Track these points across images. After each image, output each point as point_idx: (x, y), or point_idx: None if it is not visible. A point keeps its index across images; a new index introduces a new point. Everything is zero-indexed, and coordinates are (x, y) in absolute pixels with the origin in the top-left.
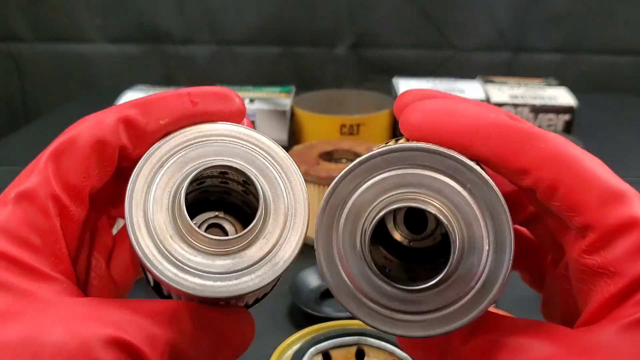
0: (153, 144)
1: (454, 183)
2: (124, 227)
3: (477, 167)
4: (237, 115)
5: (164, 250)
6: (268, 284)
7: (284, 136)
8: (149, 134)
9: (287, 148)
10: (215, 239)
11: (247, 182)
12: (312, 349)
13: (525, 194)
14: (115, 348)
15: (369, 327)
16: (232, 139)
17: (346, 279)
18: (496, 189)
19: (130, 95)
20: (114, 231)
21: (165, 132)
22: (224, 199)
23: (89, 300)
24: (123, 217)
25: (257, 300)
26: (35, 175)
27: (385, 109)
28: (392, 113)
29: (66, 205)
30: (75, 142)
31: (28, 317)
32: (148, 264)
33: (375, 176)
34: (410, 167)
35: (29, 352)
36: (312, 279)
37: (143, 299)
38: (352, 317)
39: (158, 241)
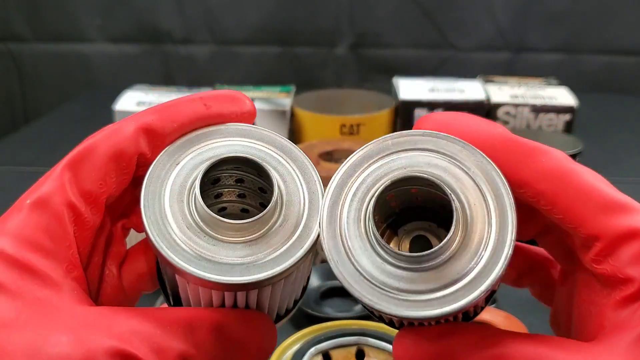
0: None
1: (459, 165)
2: (141, 241)
3: (480, 152)
4: (248, 117)
5: (179, 242)
6: (284, 271)
7: (284, 136)
8: (166, 139)
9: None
10: (231, 223)
11: (261, 176)
12: (312, 349)
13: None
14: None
15: (368, 310)
16: (244, 139)
17: (349, 255)
18: (499, 171)
19: (130, 95)
20: (127, 242)
21: (180, 135)
22: (240, 210)
23: (99, 309)
24: (136, 227)
25: (287, 311)
26: (51, 181)
27: (385, 108)
28: (392, 113)
29: (81, 212)
30: (94, 150)
31: (34, 325)
32: (165, 255)
33: (384, 157)
34: (418, 150)
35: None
36: (312, 279)
37: (158, 307)
38: (354, 301)
39: (174, 234)
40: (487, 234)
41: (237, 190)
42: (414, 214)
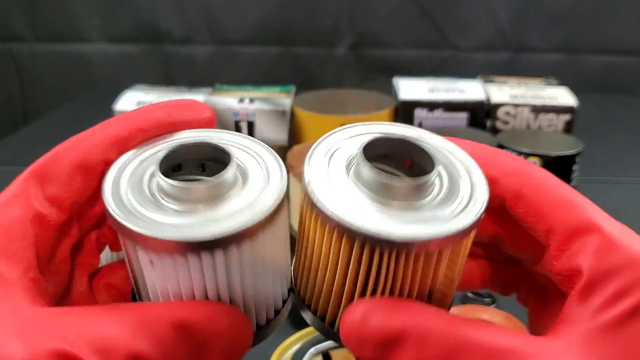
0: None
1: (440, 147)
2: (117, 261)
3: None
4: (209, 123)
5: (136, 213)
6: (248, 228)
7: (284, 136)
8: (130, 145)
9: (287, 148)
10: (187, 187)
11: (220, 159)
12: (312, 349)
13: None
14: None
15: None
16: (203, 137)
17: (332, 188)
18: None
19: (130, 95)
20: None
21: (145, 140)
22: None
23: (49, 310)
24: (111, 244)
25: (269, 322)
26: (15, 186)
27: (385, 108)
28: (392, 113)
29: (44, 214)
30: (59, 158)
31: None
32: (122, 223)
33: (367, 134)
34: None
35: None
36: None
37: (112, 304)
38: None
39: (131, 208)
40: (467, 192)
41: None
42: None
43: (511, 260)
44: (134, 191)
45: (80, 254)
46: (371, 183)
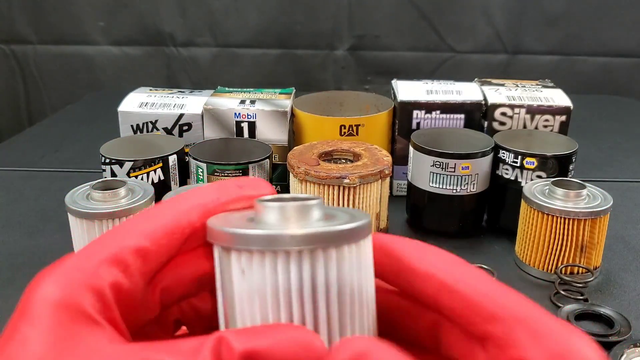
0: None
1: None
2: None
3: None
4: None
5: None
6: (352, 229)
7: (284, 137)
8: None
9: (288, 148)
10: (280, 205)
11: None
12: None
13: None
14: None
15: None
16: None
17: None
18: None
19: (133, 97)
20: None
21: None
22: None
23: (128, 347)
24: (190, 323)
25: None
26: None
27: (384, 110)
28: (390, 114)
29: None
30: (158, 217)
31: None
32: (218, 229)
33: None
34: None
35: None
36: None
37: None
38: None
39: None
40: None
41: None
42: None
43: None
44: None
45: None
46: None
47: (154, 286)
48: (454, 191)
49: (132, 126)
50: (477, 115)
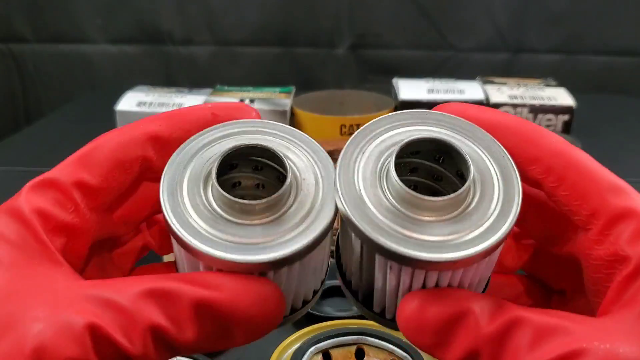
0: None
1: (472, 141)
2: (158, 264)
3: (491, 136)
4: None
5: (198, 228)
6: (304, 249)
7: None
8: (173, 145)
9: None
10: (247, 203)
11: (276, 162)
12: (312, 349)
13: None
14: (91, 335)
15: (382, 253)
16: (250, 129)
17: (364, 199)
18: (507, 153)
19: (131, 96)
20: None
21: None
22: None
23: (79, 284)
24: (158, 248)
25: (305, 303)
26: (61, 167)
27: (385, 109)
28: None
29: (77, 202)
30: (99, 150)
31: (19, 297)
32: (182, 237)
33: (401, 127)
34: (433, 125)
35: (12, 334)
36: None
37: (146, 275)
38: (349, 296)
39: (193, 222)
40: (497, 195)
41: (254, 179)
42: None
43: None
44: (192, 199)
45: (121, 258)
46: (402, 198)
47: (112, 212)
48: None
49: None
50: None
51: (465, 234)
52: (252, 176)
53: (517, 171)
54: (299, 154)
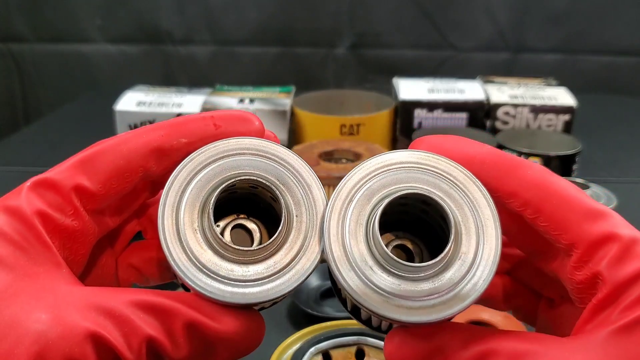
0: (177, 162)
1: (453, 184)
2: (143, 242)
3: (470, 173)
4: (256, 136)
5: (192, 259)
6: (291, 290)
7: (284, 136)
8: (173, 155)
9: (288, 147)
10: (240, 249)
11: (272, 196)
12: (312, 349)
13: (515, 225)
14: (92, 342)
15: (356, 315)
16: (253, 152)
17: (349, 256)
18: (486, 192)
19: (130, 96)
20: None
21: (189, 151)
22: (249, 198)
23: (82, 290)
24: (146, 231)
25: (274, 303)
26: (61, 169)
27: (385, 109)
28: (392, 113)
29: (77, 205)
30: (101, 156)
31: (22, 299)
32: (178, 271)
33: (382, 174)
34: (414, 169)
35: (14, 334)
36: (312, 279)
37: (143, 289)
38: (352, 312)
39: (188, 251)
40: (475, 247)
41: (249, 187)
42: (388, 225)
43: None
44: (187, 224)
45: (115, 242)
46: (385, 259)
47: (105, 212)
48: None
49: (129, 125)
50: (480, 114)
51: (444, 293)
52: (248, 186)
53: (497, 220)
54: (293, 185)
